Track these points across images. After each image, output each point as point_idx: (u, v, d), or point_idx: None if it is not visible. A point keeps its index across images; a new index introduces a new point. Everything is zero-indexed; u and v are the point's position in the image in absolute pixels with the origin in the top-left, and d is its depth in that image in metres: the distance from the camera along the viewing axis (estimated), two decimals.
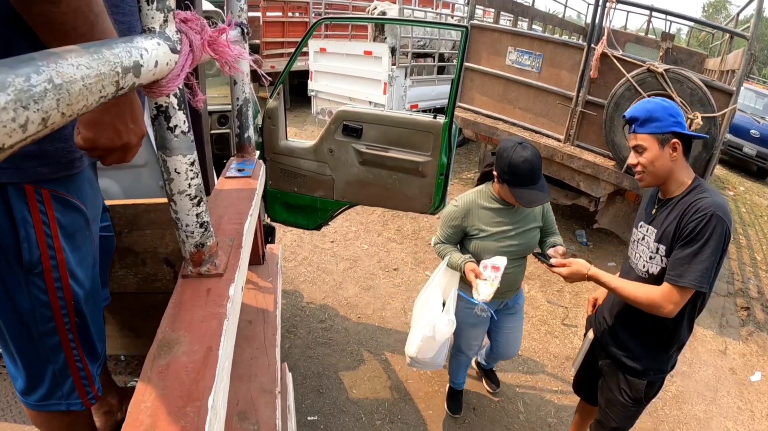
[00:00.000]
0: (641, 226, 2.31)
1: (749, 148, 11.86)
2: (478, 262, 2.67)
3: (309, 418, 3.31)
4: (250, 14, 10.06)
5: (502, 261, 2.57)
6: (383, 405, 3.49)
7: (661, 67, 4.54)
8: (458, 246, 2.89)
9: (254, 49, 9.88)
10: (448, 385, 3.59)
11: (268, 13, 10.52)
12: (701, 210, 1.95)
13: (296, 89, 11.32)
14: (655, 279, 2.17)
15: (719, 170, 12.05)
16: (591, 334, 2.65)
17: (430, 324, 2.72)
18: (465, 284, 2.82)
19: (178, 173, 1.02)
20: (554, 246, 2.76)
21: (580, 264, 2.31)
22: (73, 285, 1.31)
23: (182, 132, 0.99)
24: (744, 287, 6.04)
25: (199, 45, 0.98)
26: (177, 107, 0.97)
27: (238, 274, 1.15)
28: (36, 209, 1.19)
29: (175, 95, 0.96)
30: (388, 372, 3.79)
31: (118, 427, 1.88)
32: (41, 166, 1.14)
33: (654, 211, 2.24)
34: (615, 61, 4.88)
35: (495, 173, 2.65)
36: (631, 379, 2.38)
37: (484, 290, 2.55)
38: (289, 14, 11.03)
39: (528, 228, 2.76)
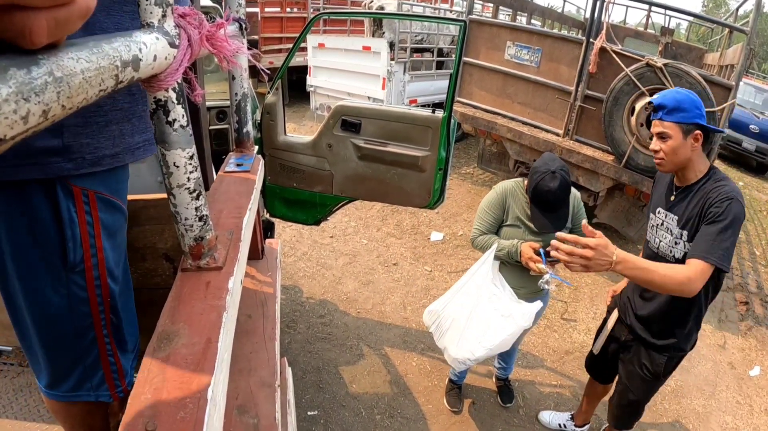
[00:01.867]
0: (659, 212, 2.39)
1: (748, 143, 11.86)
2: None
3: (309, 413, 3.32)
4: (249, 10, 10.02)
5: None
6: (383, 400, 3.50)
7: (660, 62, 4.54)
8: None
9: (252, 45, 9.85)
10: (447, 380, 3.61)
11: (266, 9, 10.50)
12: (723, 194, 2.06)
13: (295, 85, 11.31)
14: (680, 263, 2.24)
15: (718, 165, 11.96)
16: (615, 314, 2.77)
17: (525, 314, 2.72)
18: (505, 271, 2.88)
19: (177, 167, 1.02)
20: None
21: (604, 248, 1.90)
22: (111, 283, 1.32)
23: (181, 126, 1.00)
24: (743, 282, 6.06)
25: (198, 40, 0.99)
26: (176, 101, 0.98)
27: (237, 268, 1.16)
28: (82, 210, 1.20)
29: (173, 89, 0.96)
30: (388, 367, 3.80)
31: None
32: (64, 162, 1.14)
33: (673, 197, 2.31)
34: (614, 55, 4.88)
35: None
36: (652, 354, 2.52)
37: (548, 275, 2.66)
38: (288, 10, 11.00)
39: None
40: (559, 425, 3.44)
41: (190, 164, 1.03)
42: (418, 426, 3.34)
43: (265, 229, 3.71)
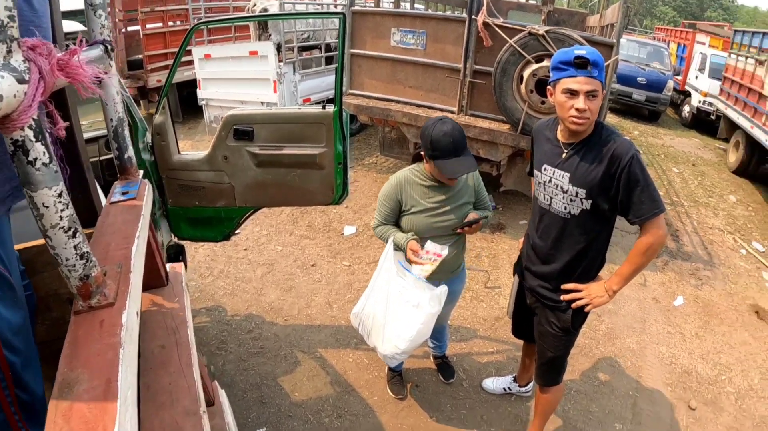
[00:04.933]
0: (545, 169, 2.42)
1: (638, 95, 12.78)
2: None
3: None
4: (130, 29, 9.66)
5: (444, 251, 2.66)
6: (328, 402, 3.49)
7: (541, 30, 4.74)
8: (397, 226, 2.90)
9: (137, 65, 9.51)
10: (386, 369, 3.63)
11: (147, 25, 10.04)
12: (626, 155, 2.15)
13: (187, 100, 10.91)
14: (577, 219, 2.34)
15: (612, 118, 12.74)
16: (517, 279, 2.85)
17: (431, 300, 2.66)
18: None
19: (47, 207, 0.96)
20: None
21: (596, 286, 2.45)
22: (8, 355, 1.23)
23: (43, 164, 0.94)
24: None
25: (49, 70, 0.93)
26: (34, 139, 0.92)
27: (130, 300, 1.11)
28: None
29: (30, 127, 0.91)
30: (326, 368, 3.78)
31: None
32: None
33: (564, 154, 2.33)
34: (497, 29, 5.02)
35: (422, 152, 2.71)
36: (557, 313, 2.57)
37: (418, 272, 2.66)
38: (170, 23, 10.59)
39: (460, 204, 2.82)
40: (504, 389, 3.54)
41: (60, 202, 0.98)
42: (368, 421, 3.35)
43: (177, 254, 3.60)
